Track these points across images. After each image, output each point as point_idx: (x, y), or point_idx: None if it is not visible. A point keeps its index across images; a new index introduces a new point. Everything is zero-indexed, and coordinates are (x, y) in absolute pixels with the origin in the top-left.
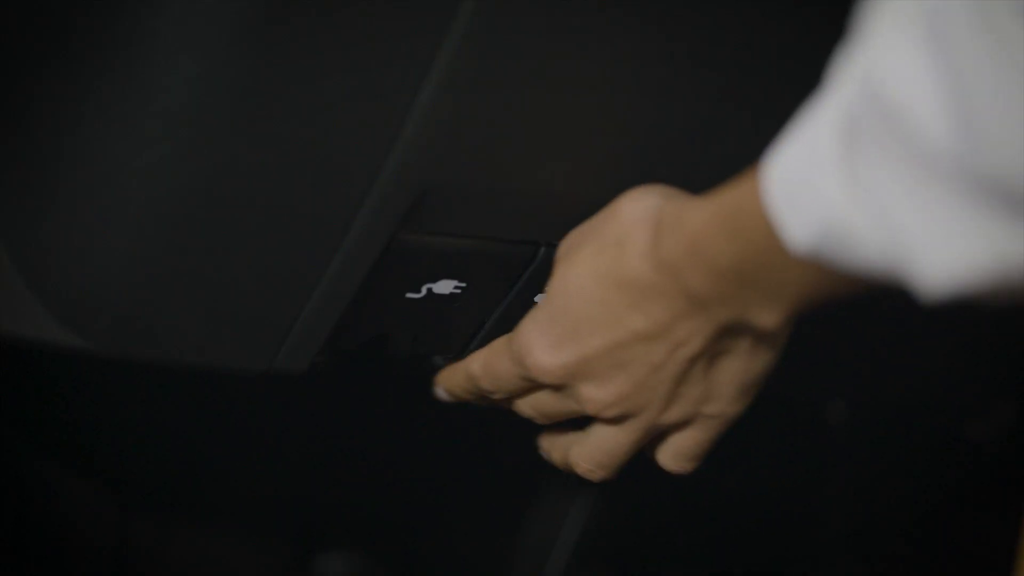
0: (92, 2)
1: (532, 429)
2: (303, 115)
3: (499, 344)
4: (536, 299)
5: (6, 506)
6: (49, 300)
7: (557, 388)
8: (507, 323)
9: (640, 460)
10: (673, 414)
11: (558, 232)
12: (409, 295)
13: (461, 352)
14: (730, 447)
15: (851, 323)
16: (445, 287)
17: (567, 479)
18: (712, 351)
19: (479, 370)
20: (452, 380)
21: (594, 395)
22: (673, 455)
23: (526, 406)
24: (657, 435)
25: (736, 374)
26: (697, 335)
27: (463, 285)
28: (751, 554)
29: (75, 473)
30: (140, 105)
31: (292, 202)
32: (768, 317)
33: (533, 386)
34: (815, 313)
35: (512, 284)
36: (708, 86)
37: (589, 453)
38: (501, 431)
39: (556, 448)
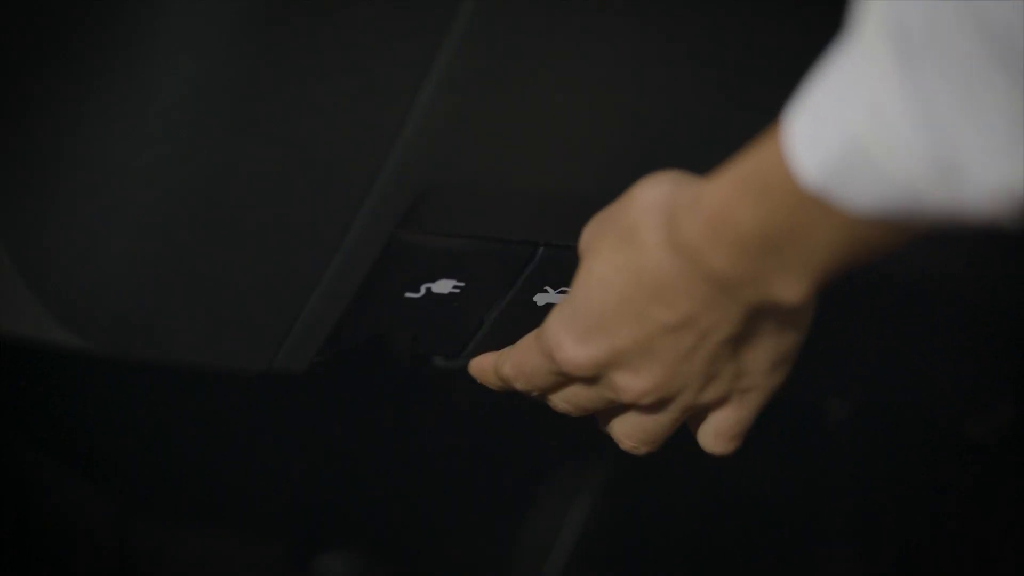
0: (92, 2)
1: (532, 428)
2: (303, 115)
3: (527, 342)
4: (535, 299)
5: (6, 506)
6: (49, 300)
7: (590, 380)
8: (506, 323)
9: (644, 458)
10: (710, 393)
11: (557, 232)
12: (408, 295)
13: (460, 352)
14: None
15: (851, 322)
16: (444, 287)
17: (567, 479)
18: (741, 333)
19: (511, 371)
20: (483, 379)
21: (629, 384)
22: (714, 435)
23: (560, 400)
24: (698, 414)
25: (767, 351)
26: (724, 321)
27: (462, 284)
28: (751, 554)
29: (75, 473)
30: (140, 105)
31: (292, 202)
32: (793, 290)
33: (566, 380)
34: (818, 312)
35: (511, 283)
36: (709, 85)
37: (631, 431)
38: (501, 431)
39: (599, 414)
